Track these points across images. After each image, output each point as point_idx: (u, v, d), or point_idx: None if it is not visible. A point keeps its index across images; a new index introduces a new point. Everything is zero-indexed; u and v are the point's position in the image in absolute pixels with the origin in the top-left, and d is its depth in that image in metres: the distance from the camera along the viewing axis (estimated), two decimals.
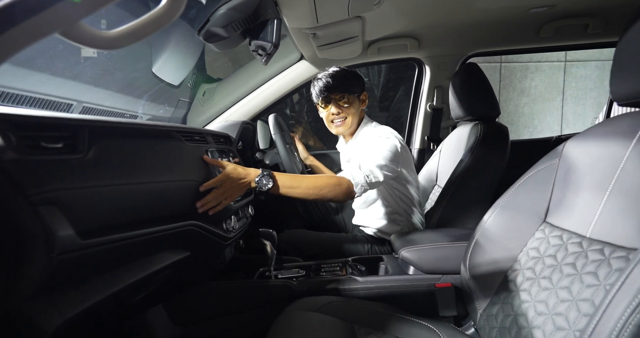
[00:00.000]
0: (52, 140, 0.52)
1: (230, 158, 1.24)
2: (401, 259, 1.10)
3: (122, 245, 0.62)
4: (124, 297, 0.72)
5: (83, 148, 0.57)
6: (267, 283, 1.09)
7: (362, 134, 1.43)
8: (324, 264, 1.28)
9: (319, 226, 1.70)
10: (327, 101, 1.39)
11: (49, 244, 0.46)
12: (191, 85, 1.93)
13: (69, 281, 0.54)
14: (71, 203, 0.51)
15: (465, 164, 1.31)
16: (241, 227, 1.19)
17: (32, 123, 0.50)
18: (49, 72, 0.88)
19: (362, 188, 1.16)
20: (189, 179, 0.87)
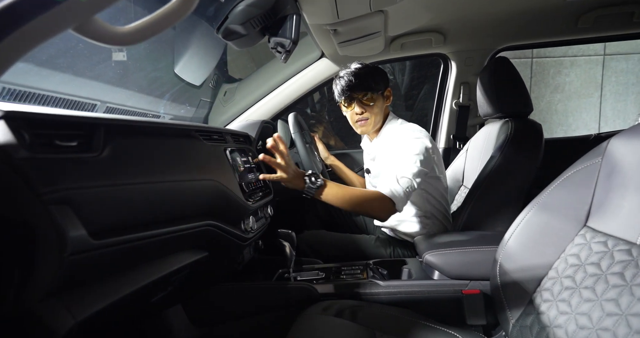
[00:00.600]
0: (66, 138, 0.52)
1: (250, 158, 1.23)
2: (425, 263, 1.05)
3: (138, 245, 0.61)
4: (140, 297, 0.71)
5: (98, 146, 0.56)
6: (286, 285, 1.07)
7: (388, 131, 1.38)
8: (344, 267, 1.24)
9: (339, 227, 1.66)
10: (350, 100, 1.34)
11: (60, 244, 0.45)
12: (212, 85, 1.94)
13: (82, 282, 0.53)
14: (84, 203, 0.50)
15: (494, 163, 1.24)
16: (260, 227, 1.17)
17: (46, 121, 0.50)
18: (70, 72, 0.90)
19: (403, 204, 1.14)
20: (206, 178, 0.85)
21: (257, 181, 1.18)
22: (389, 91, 1.39)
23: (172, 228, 0.71)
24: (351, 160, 2.05)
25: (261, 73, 1.99)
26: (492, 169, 1.23)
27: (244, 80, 2.00)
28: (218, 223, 0.89)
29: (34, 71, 0.79)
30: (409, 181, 1.15)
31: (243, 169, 1.10)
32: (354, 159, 2.06)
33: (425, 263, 1.05)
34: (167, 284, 0.79)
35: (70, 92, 0.92)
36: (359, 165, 2.05)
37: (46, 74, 0.83)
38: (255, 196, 1.11)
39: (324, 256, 1.38)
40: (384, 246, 1.41)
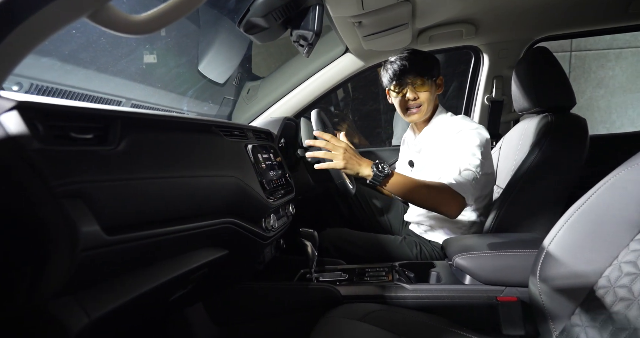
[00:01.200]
0: (81, 131, 0.50)
1: (271, 154, 1.20)
2: (455, 266, 0.98)
3: (154, 242, 0.59)
4: (159, 295, 0.70)
5: (114, 139, 0.55)
6: (307, 286, 1.03)
7: (438, 123, 1.32)
8: (368, 268, 1.19)
9: (363, 226, 1.61)
10: (402, 85, 1.27)
11: (72, 240, 0.43)
12: (236, 83, 1.93)
13: (97, 279, 0.51)
14: (98, 197, 0.48)
15: (532, 161, 1.15)
16: (281, 226, 1.14)
17: (61, 113, 0.48)
18: (94, 67, 0.90)
19: (472, 197, 1.10)
20: (226, 174, 0.83)
21: (278, 179, 1.15)
22: (441, 79, 1.32)
23: (190, 225, 0.69)
24: (375, 158, 1.98)
25: (284, 70, 1.97)
26: (530, 167, 1.15)
27: (267, 77, 1.98)
28: (238, 221, 0.87)
29: (57, 66, 0.80)
30: (472, 173, 1.11)
31: (264, 166, 1.07)
32: (379, 157, 2.00)
33: (456, 266, 0.98)
34: (186, 282, 0.78)
35: (94, 88, 0.93)
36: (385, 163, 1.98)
37: (69, 69, 0.84)
38: (276, 194, 1.08)
39: (347, 256, 1.34)
40: (411, 247, 1.34)
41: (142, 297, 0.60)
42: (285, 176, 1.23)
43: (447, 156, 1.20)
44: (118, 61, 0.98)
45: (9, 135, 0.42)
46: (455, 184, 1.09)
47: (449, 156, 1.19)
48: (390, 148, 2.06)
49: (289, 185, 1.24)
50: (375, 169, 1.09)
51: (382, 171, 1.08)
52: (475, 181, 1.12)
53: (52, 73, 0.78)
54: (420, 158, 1.40)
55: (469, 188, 1.09)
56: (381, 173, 1.08)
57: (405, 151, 1.56)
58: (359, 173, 1.12)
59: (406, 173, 1.50)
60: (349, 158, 1.09)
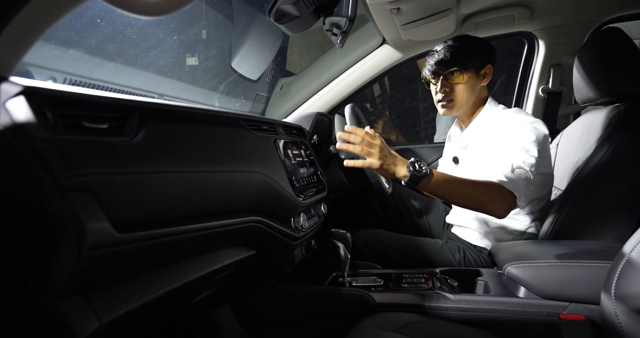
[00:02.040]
0: (96, 120, 0.47)
1: (303, 151, 1.14)
2: (507, 276, 0.87)
3: (174, 240, 0.55)
4: (180, 296, 0.66)
5: (131, 130, 0.51)
6: (339, 291, 0.96)
7: (487, 117, 1.21)
8: (405, 273, 1.10)
9: (399, 228, 1.50)
10: (436, 77, 1.20)
11: (79, 236, 0.39)
12: (269, 79, 1.90)
13: (109, 279, 0.48)
14: (110, 191, 0.44)
15: (600, 159, 1.00)
16: (312, 226, 1.08)
17: (73, 100, 0.45)
18: (121, 60, 0.89)
19: (525, 197, 0.99)
20: (252, 170, 0.78)
21: (309, 176, 1.09)
22: (489, 68, 1.20)
23: (213, 223, 0.64)
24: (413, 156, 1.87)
25: (318, 65, 1.91)
26: (597, 165, 0.99)
27: (301, 73, 1.93)
28: (265, 220, 0.82)
29: (85, 59, 0.79)
30: (525, 172, 1.00)
31: (295, 162, 1.02)
32: (418, 155, 1.87)
33: (508, 276, 0.86)
34: (211, 283, 0.74)
35: (122, 82, 0.93)
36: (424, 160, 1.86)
37: (97, 62, 0.83)
38: (306, 192, 1.03)
39: (382, 259, 1.25)
40: (453, 252, 1.23)
41: (161, 299, 0.56)
42: (317, 174, 1.17)
43: (498, 153, 1.09)
44: (145, 53, 0.96)
45: (14, 122, 0.39)
46: (505, 181, 0.98)
47: (499, 153, 1.08)
48: (430, 145, 1.94)
49: (320, 183, 1.17)
50: (412, 168, 1.00)
51: (420, 171, 0.99)
52: (529, 181, 1.00)
53: (82, 66, 0.78)
54: (466, 155, 1.29)
55: (521, 186, 0.98)
56: (418, 172, 0.99)
57: (450, 148, 1.45)
58: (395, 174, 1.03)
59: (450, 170, 1.38)
60: (385, 156, 1.01)
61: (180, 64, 1.08)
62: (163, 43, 1.05)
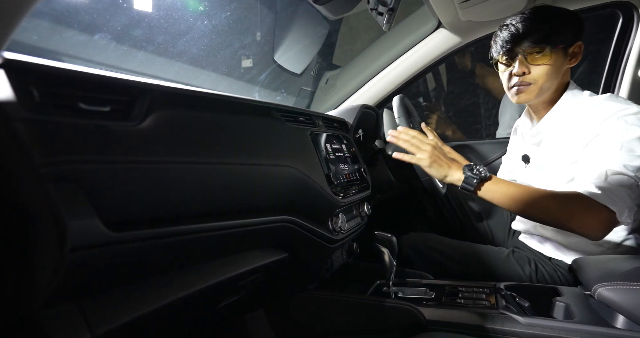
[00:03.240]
0: (96, 102, 0.41)
1: (344, 145, 1.04)
2: (597, 299, 0.69)
3: (185, 240, 0.48)
4: (198, 303, 0.60)
5: (139, 115, 0.45)
6: (383, 303, 0.85)
7: (569, 105, 0.98)
8: (462, 286, 0.95)
9: (455, 233, 1.34)
10: (511, 56, 0.97)
11: (59, 235, 0.34)
12: (314, 73, 1.83)
13: (107, 285, 0.42)
14: (103, 183, 0.38)
15: None
16: (353, 228, 0.98)
17: (69, 78, 0.40)
18: (150, 50, 0.87)
19: (628, 212, 0.78)
20: (283, 164, 0.70)
21: (351, 173, 0.99)
22: (578, 46, 0.96)
23: (235, 222, 0.57)
24: (472, 152, 1.68)
25: (365, 56, 1.79)
26: None
27: (347, 65, 1.83)
28: (298, 220, 0.73)
29: (112, 47, 0.78)
30: (627, 179, 0.78)
31: (334, 158, 0.92)
32: (477, 151, 1.68)
33: (598, 299, 0.69)
34: (235, 288, 0.67)
35: (154, 74, 0.90)
36: (485, 158, 1.66)
37: (125, 51, 0.81)
38: (347, 191, 0.93)
39: (434, 268, 1.10)
40: (522, 264, 1.04)
41: (173, 305, 0.50)
42: (360, 171, 1.07)
43: (586, 154, 0.87)
44: (175, 40, 0.93)
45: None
46: (597, 193, 0.77)
47: (588, 154, 0.86)
48: (492, 141, 1.72)
49: (364, 181, 1.07)
50: (469, 171, 0.88)
51: (477, 175, 0.87)
52: (632, 190, 0.78)
53: (108, 54, 0.76)
54: (540, 153, 1.06)
55: (622, 198, 0.77)
56: (476, 175, 0.87)
57: (517, 143, 1.21)
58: (446, 177, 0.93)
59: (517, 170, 1.19)
60: (437, 156, 0.90)
61: (210, 52, 1.04)
62: (197, 30, 1.00)
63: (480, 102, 2.95)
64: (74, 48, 0.68)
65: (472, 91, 3.03)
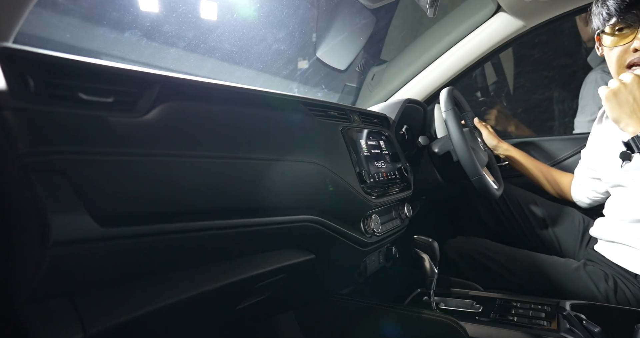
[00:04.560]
0: (98, 93, 0.41)
1: (383, 142, 0.98)
2: None
3: (192, 238, 0.46)
4: (214, 302, 0.58)
5: (144, 106, 0.44)
6: (420, 314, 0.77)
7: None
8: (517, 301, 0.83)
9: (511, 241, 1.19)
10: (629, 24, 0.78)
11: (41, 229, 0.33)
12: (359, 69, 1.76)
13: (104, 282, 0.41)
14: (97, 175, 0.37)
15: None
16: (390, 230, 0.91)
17: (70, 68, 0.39)
18: (181, 46, 0.88)
19: None
20: (307, 160, 0.66)
21: (389, 172, 0.92)
22: None
23: (252, 221, 0.55)
24: (539, 150, 1.48)
25: (413, 48, 1.69)
26: None
27: (393, 59, 1.74)
28: (324, 220, 0.69)
29: (144, 44, 0.79)
30: None
31: (368, 155, 0.86)
32: (543, 149, 1.49)
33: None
34: (256, 290, 0.64)
35: (189, 71, 0.91)
36: (552, 157, 1.46)
37: (155, 48, 0.83)
38: (384, 190, 0.86)
39: (485, 277, 0.98)
40: (597, 279, 0.89)
41: (180, 306, 0.48)
42: (400, 170, 0.99)
43: None
44: (206, 36, 0.92)
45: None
46: None
47: None
48: (561, 138, 1.52)
49: (404, 180, 0.99)
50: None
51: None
52: None
53: (140, 52, 0.78)
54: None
55: None
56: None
57: (602, 133, 1.00)
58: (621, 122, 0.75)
59: (609, 168, 0.95)
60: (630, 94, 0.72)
61: (243, 47, 1.02)
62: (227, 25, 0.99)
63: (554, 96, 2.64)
64: (111, 46, 0.71)
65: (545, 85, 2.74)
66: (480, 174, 0.99)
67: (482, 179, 0.99)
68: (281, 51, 1.21)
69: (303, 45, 1.36)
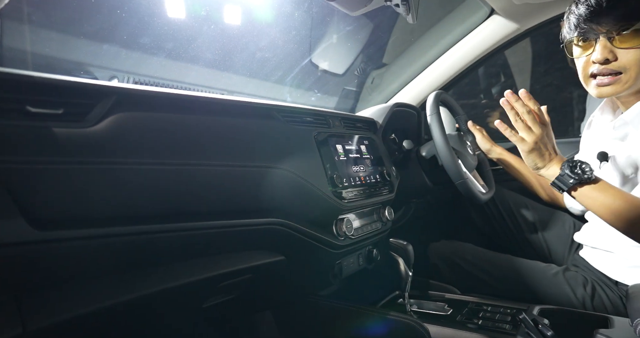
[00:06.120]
0: (47, 105, 0.44)
1: (364, 146, 1.00)
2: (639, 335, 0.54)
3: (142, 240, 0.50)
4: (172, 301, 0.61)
5: (95, 117, 0.48)
6: (388, 315, 0.79)
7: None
8: (489, 305, 0.83)
9: (502, 245, 1.18)
10: (590, 37, 0.79)
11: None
12: (358, 72, 1.78)
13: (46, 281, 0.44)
14: (35, 183, 0.41)
15: None
16: (368, 233, 0.93)
17: (15, 83, 0.42)
18: (185, 60, 0.91)
19: None
20: (274, 166, 0.70)
21: (367, 176, 0.94)
22: None
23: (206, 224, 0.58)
24: None
25: (411, 52, 1.69)
26: None
27: (392, 63, 1.75)
28: (291, 223, 0.72)
29: (151, 60, 0.84)
30: None
31: (343, 159, 0.89)
32: None
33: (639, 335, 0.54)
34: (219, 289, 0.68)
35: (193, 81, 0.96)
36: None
37: (165, 63, 0.87)
38: (359, 194, 0.88)
39: (465, 281, 0.99)
40: (575, 285, 0.87)
41: (132, 304, 0.51)
42: (382, 173, 1.01)
43: None
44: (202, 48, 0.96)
45: None
46: None
47: None
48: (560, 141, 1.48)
49: (386, 184, 1.00)
50: (568, 169, 0.76)
51: (579, 174, 0.74)
52: None
53: (148, 68, 0.82)
54: (623, 149, 0.85)
55: None
56: (575, 175, 0.74)
57: (592, 138, 1.00)
58: (541, 169, 0.81)
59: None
60: (542, 144, 0.79)
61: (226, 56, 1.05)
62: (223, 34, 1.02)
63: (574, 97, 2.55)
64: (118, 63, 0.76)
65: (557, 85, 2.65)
66: (464, 178, 0.99)
67: (466, 183, 0.99)
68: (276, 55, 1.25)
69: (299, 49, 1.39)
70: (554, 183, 0.79)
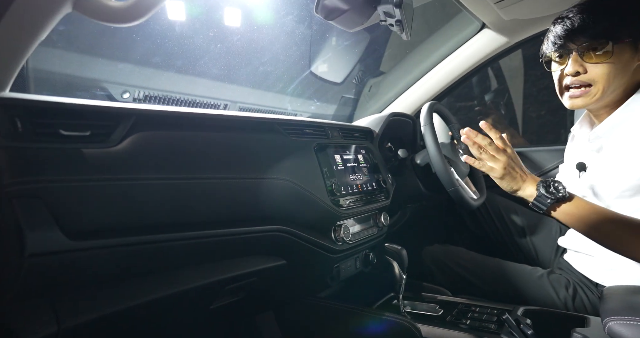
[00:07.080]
0: (77, 128, 0.50)
1: (361, 155, 1.06)
2: (608, 334, 0.60)
3: (161, 247, 0.55)
4: (185, 302, 0.66)
5: (118, 138, 0.53)
6: (383, 316, 0.84)
7: (636, 108, 0.85)
8: (477, 306, 0.89)
9: (493, 249, 1.24)
10: (563, 53, 0.87)
11: (20, 243, 0.42)
12: (356, 81, 1.84)
13: (78, 285, 0.49)
14: (68, 198, 0.46)
15: None
16: (365, 238, 0.98)
17: (51, 110, 0.48)
18: (193, 74, 0.97)
19: None
20: (276, 177, 0.75)
21: (364, 184, 0.99)
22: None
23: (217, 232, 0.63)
24: (526, 160, 1.52)
25: (406, 62, 1.76)
26: None
27: (389, 72, 1.81)
28: (292, 229, 0.78)
29: (162, 75, 0.89)
30: None
31: (342, 168, 0.94)
32: (531, 160, 1.52)
33: (608, 334, 0.60)
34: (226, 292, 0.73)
35: (199, 93, 1.01)
36: (540, 167, 1.50)
37: (170, 76, 0.92)
38: (357, 201, 0.94)
39: (456, 283, 1.04)
40: (558, 287, 0.93)
41: (150, 305, 0.56)
42: (379, 181, 1.06)
43: None
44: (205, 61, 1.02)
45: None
46: None
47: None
48: (549, 149, 1.55)
49: (382, 191, 1.06)
50: (544, 189, 0.80)
51: (554, 193, 0.79)
52: None
53: (158, 82, 0.88)
54: (599, 160, 0.92)
55: None
56: (551, 194, 0.79)
57: (573, 150, 1.07)
58: (517, 191, 0.86)
59: (572, 180, 1.03)
60: (511, 169, 0.85)
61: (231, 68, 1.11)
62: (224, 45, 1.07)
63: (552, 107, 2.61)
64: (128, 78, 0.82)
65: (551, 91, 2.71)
66: (455, 185, 1.05)
67: (457, 191, 1.05)
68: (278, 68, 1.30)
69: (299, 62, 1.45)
70: (533, 204, 0.83)
